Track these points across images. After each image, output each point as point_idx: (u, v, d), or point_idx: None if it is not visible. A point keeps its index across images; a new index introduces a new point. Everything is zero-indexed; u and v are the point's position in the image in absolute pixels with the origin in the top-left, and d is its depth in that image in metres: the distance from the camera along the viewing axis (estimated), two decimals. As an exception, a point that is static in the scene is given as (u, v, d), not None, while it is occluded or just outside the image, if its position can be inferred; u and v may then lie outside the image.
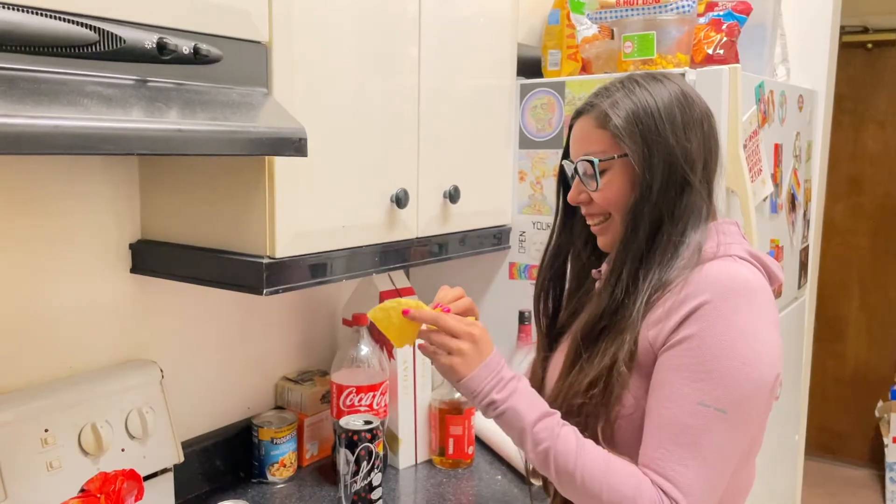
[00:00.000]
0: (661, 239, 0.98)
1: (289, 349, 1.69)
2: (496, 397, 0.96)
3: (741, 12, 1.65)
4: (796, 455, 2.38)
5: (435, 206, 1.48)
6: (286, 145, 1.04)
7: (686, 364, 0.91)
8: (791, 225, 1.95)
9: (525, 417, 0.95)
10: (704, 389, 0.89)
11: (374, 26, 1.30)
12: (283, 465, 1.51)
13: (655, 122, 0.98)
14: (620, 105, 1.00)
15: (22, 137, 0.75)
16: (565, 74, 1.72)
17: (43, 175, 1.22)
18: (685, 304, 0.93)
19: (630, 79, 1.04)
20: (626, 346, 0.95)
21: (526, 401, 0.97)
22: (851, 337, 3.82)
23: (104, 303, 1.32)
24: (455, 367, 0.97)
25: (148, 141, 0.87)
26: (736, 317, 0.90)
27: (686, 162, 0.98)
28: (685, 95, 1.01)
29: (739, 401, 0.90)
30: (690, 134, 0.99)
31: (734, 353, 0.89)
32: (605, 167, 1.01)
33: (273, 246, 1.16)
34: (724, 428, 0.90)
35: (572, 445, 0.93)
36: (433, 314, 1.00)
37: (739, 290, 0.92)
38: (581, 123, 1.06)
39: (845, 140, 3.67)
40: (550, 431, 0.94)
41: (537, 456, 0.95)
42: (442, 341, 0.98)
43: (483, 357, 0.98)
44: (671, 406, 0.91)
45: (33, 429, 1.15)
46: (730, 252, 0.97)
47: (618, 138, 0.99)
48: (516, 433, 0.97)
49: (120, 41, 0.91)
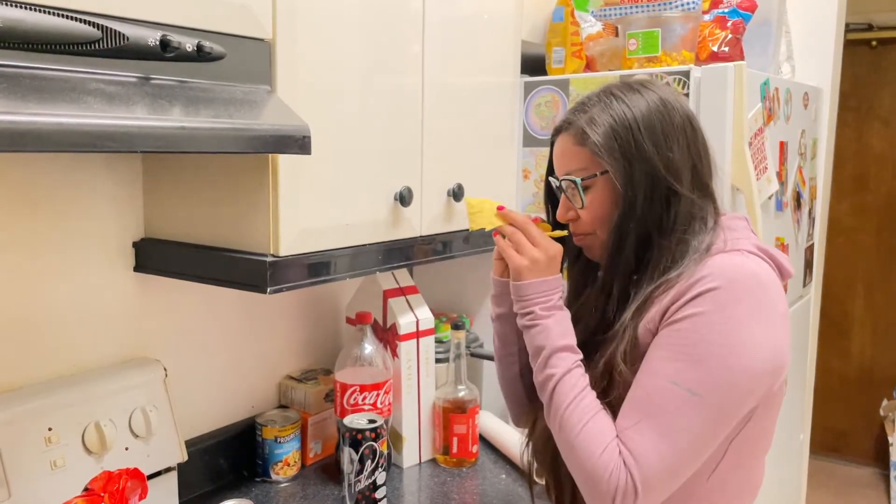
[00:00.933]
0: (653, 252, 0.98)
1: (292, 348, 1.68)
2: (537, 311, 0.99)
3: (746, 9, 1.64)
4: (801, 454, 2.38)
5: (439, 205, 1.48)
6: (290, 143, 1.03)
7: (672, 343, 0.91)
8: (796, 223, 1.94)
9: (552, 340, 0.98)
10: (681, 369, 0.89)
11: (377, 24, 1.29)
12: (286, 463, 1.51)
13: (633, 135, 0.97)
14: (598, 121, 0.99)
15: (25, 135, 0.75)
16: (569, 72, 1.72)
17: (46, 173, 1.21)
18: (692, 289, 0.92)
19: (606, 92, 1.03)
20: (622, 346, 0.95)
21: (560, 327, 0.99)
22: (856, 335, 3.81)
23: (108, 301, 1.32)
24: (520, 269, 1.01)
25: (151, 139, 0.87)
26: (737, 307, 0.89)
27: (669, 172, 0.97)
28: (664, 103, 1.00)
29: (715, 388, 0.89)
30: (672, 143, 0.98)
31: (722, 340, 0.89)
32: (588, 185, 1.02)
33: (277, 244, 1.16)
34: (693, 411, 0.89)
35: (577, 387, 0.95)
36: (525, 218, 1.05)
37: (746, 282, 0.91)
38: (561, 141, 1.06)
39: (850, 138, 3.66)
40: (565, 364, 0.97)
41: (542, 379, 0.98)
42: (521, 242, 1.02)
43: (548, 273, 1.01)
44: (647, 380, 0.92)
45: (37, 427, 1.15)
46: (738, 247, 0.96)
47: (597, 156, 0.99)
48: (535, 350, 0.99)
49: (123, 38, 0.90)
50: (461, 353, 1.60)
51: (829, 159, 2.31)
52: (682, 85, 1.45)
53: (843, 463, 3.79)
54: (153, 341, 1.39)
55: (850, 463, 3.79)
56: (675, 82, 1.46)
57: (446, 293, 1.89)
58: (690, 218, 0.98)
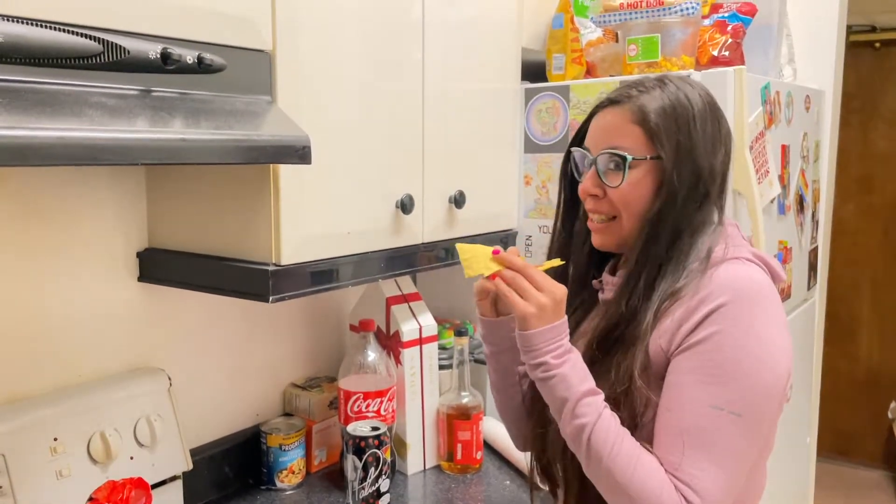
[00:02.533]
0: (679, 249, 0.97)
1: (296, 355, 1.69)
2: (551, 361, 0.94)
3: (746, 14, 1.64)
4: (808, 457, 2.37)
5: (440, 211, 1.48)
6: (290, 153, 1.04)
7: (700, 366, 0.90)
8: (799, 226, 1.94)
9: (574, 388, 0.93)
10: (718, 393, 0.89)
11: (377, 32, 1.30)
12: (291, 471, 1.52)
13: (690, 130, 0.96)
14: (659, 104, 0.97)
15: (27, 149, 0.76)
16: (570, 78, 1.72)
17: (50, 185, 1.22)
18: (701, 307, 0.92)
19: (667, 79, 1.01)
20: (638, 359, 0.94)
21: (579, 373, 0.95)
22: (864, 337, 3.80)
23: (112, 311, 1.33)
24: (527, 317, 0.94)
25: (152, 151, 0.88)
26: (751, 320, 0.90)
27: (710, 176, 0.98)
28: (716, 108, 1.00)
29: (753, 404, 0.89)
30: (718, 150, 0.99)
31: (749, 356, 0.89)
32: (634, 165, 0.97)
33: (279, 253, 1.17)
34: (739, 431, 0.89)
35: (612, 430, 0.92)
36: (523, 263, 0.98)
37: (754, 293, 0.92)
38: (612, 113, 1.01)
39: (854, 140, 3.65)
40: (594, 409, 0.92)
41: (573, 430, 0.93)
42: (524, 287, 0.96)
43: (555, 318, 0.95)
44: (686, 409, 0.90)
45: (42, 437, 1.16)
46: (738, 255, 0.97)
47: (655, 139, 0.96)
48: (558, 402, 0.94)
49: (124, 52, 0.91)
50: (464, 359, 1.60)
51: (833, 161, 2.30)
52: (682, 90, 1.45)
53: (851, 466, 3.77)
54: (158, 350, 1.40)
55: (858, 466, 3.77)
56: (675, 87, 1.46)
57: (449, 300, 1.89)
58: (710, 221, 0.99)
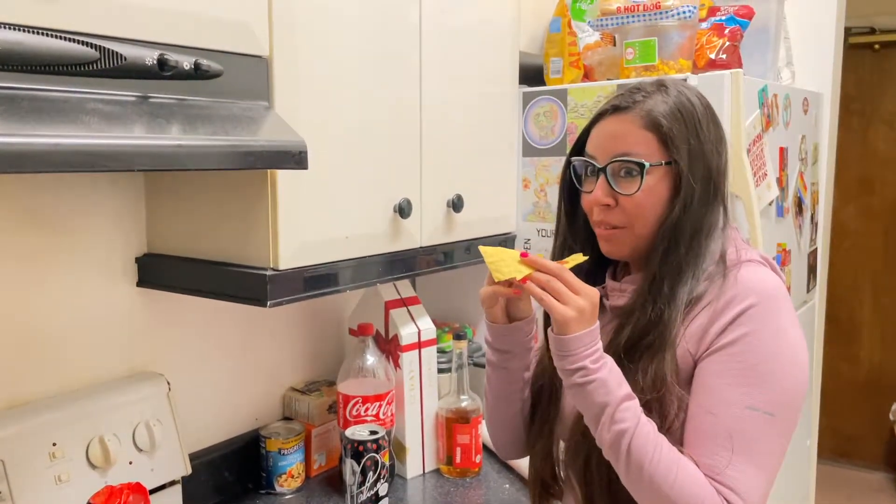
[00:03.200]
0: (696, 252, 0.96)
1: (296, 360, 1.69)
2: (589, 365, 0.91)
3: (743, 16, 1.64)
4: (809, 459, 2.36)
5: (439, 216, 1.49)
6: (286, 158, 1.04)
7: (731, 368, 0.91)
8: (798, 228, 1.94)
9: (613, 393, 0.91)
10: (752, 393, 0.90)
11: (375, 37, 1.31)
12: (290, 475, 1.52)
13: (698, 132, 0.97)
14: (668, 108, 0.96)
15: (23, 156, 0.76)
16: (567, 82, 1.73)
17: (49, 190, 1.23)
18: (729, 309, 0.92)
19: (665, 83, 1.00)
20: (669, 362, 0.94)
21: (616, 377, 0.93)
22: (865, 339, 3.79)
23: (111, 316, 1.33)
24: (567, 321, 0.91)
25: (149, 157, 0.88)
26: (778, 321, 0.92)
27: (719, 177, 0.98)
28: (712, 111, 1.01)
29: (785, 403, 0.91)
30: (722, 150, 0.99)
31: (780, 356, 0.91)
32: (650, 172, 0.96)
33: (276, 258, 1.17)
34: (774, 431, 0.90)
35: (651, 435, 0.91)
36: (557, 265, 0.95)
37: (776, 294, 0.94)
38: (619, 121, 0.99)
39: (854, 141, 3.65)
40: (633, 414, 0.91)
41: (611, 435, 0.91)
42: (561, 291, 0.92)
43: (592, 322, 0.93)
44: (720, 411, 0.91)
45: (41, 442, 1.16)
46: (750, 257, 0.97)
47: (669, 144, 0.96)
48: (596, 408, 0.92)
49: (121, 58, 0.92)
50: (463, 363, 1.60)
51: (832, 164, 2.30)
52: (679, 93, 1.45)
53: (852, 468, 3.76)
54: (157, 355, 1.41)
55: (859, 468, 3.76)
56: (673, 91, 1.46)
57: (448, 303, 1.89)
58: (717, 225, 0.99)
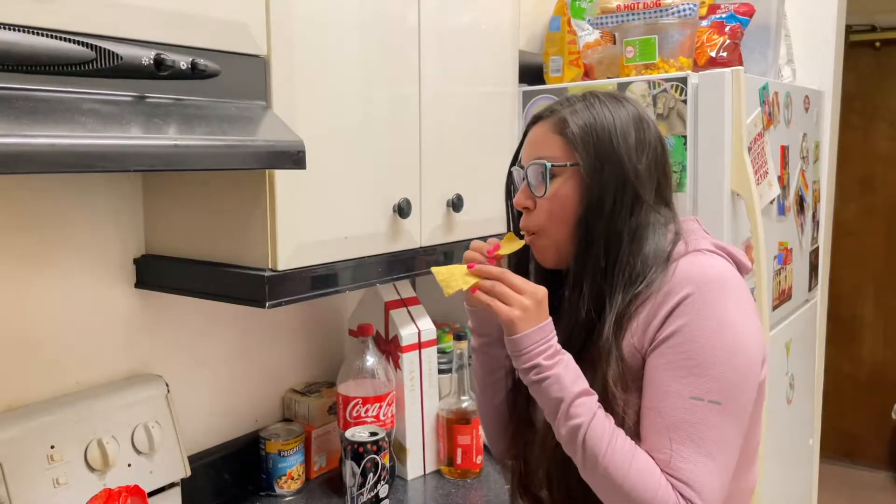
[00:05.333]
0: (623, 258, 0.98)
1: (295, 361, 1.69)
2: (543, 363, 0.94)
3: (744, 14, 1.64)
4: (811, 459, 2.35)
5: (438, 215, 1.48)
6: (284, 158, 1.04)
7: (674, 360, 0.91)
8: (800, 227, 1.93)
9: (568, 388, 0.93)
10: (696, 383, 0.90)
11: (373, 36, 1.30)
12: (290, 477, 1.51)
13: (611, 137, 0.99)
14: (580, 115, 1.01)
15: (18, 157, 0.76)
16: (567, 80, 1.72)
17: (47, 191, 1.22)
18: (667, 301, 0.93)
19: (592, 94, 1.05)
20: (612, 370, 0.95)
21: (571, 373, 0.95)
22: (867, 338, 3.78)
23: (109, 318, 1.33)
24: (512, 321, 0.94)
25: (145, 157, 0.87)
26: (717, 308, 0.92)
27: (637, 180, 0.99)
28: (641, 119, 1.02)
29: (731, 390, 0.91)
30: (642, 155, 1.00)
31: (720, 343, 0.90)
32: (555, 173, 1.01)
33: (275, 258, 1.16)
34: (722, 419, 0.90)
35: (607, 429, 0.92)
36: (499, 270, 0.99)
37: (716, 281, 0.93)
38: (538, 128, 1.06)
39: (855, 140, 3.64)
40: (588, 409, 0.92)
41: (568, 431, 0.93)
42: (505, 293, 0.96)
43: (540, 319, 0.96)
44: (666, 404, 0.91)
45: (40, 445, 1.16)
46: (698, 247, 0.98)
47: (572, 145, 1.00)
48: (552, 403, 0.94)
49: (117, 58, 0.91)
50: (464, 363, 1.60)
51: (833, 162, 2.30)
52: (679, 91, 1.45)
53: (855, 467, 3.75)
54: (155, 357, 1.40)
55: (862, 467, 3.75)
56: (673, 89, 1.46)
57: (448, 304, 1.88)
58: (653, 226, 1.00)
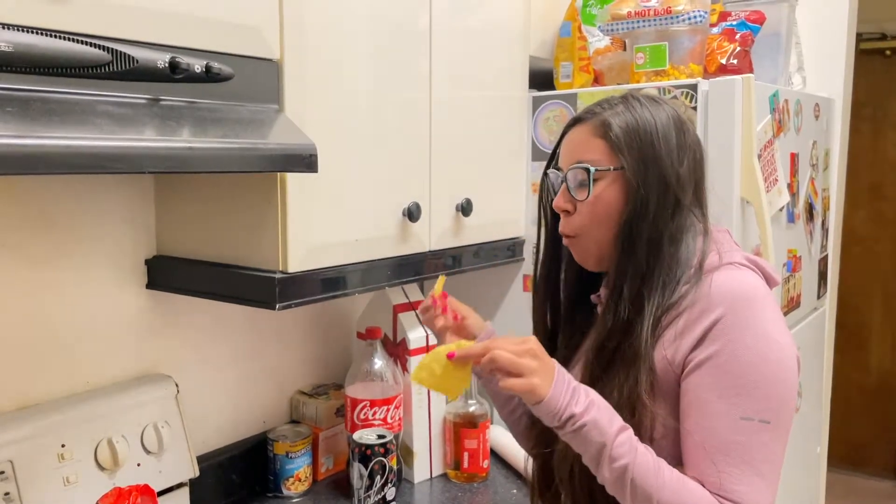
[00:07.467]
0: (663, 260, 0.97)
1: (304, 363, 1.69)
2: (575, 410, 0.88)
3: (754, 22, 1.64)
4: (819, 467, 2.34)
5: (447, 219, 1.48)
6: (296, 161, 1.04)
7: (718, 381, 0.90)
8: (809, 234, 1.93)
9: (607, 431, 0.88)
10: (744, 404, 0.89)
11: (385, 41, 1.31)
12: (298, 479, 1.52)
13: (653, 139, 0.98)
14: (621, 117, 1.00)
15: (34, 158, 0.76)
16: (577, 86, 1.72)
17: (59, 193, 1.23)
18: (701, 320, 0.92)
19: (632, 96, 1.04)
20: (643, 377, 0.93)
21: (605, 413, 0.89)
22: (875, 346, 3.76)
23: (120, 318, 1.33)
24: (534, 389, 0.88)
25: (159, 159, 0.88)
26: (756, 325, 0.91)
27: (678, 183, 0.99)
28: (681, 121, 1.02)
29: (778, 408, 0.90)
30: (683, 158, 1.00)
31: (766, 360, 0.90)
32: (598, 177, 1.00)
33: (286, 261, 1.17)
34: (771, 437, 0.90)
35: (651, 464, 0.89)
36: (482, 345, 0.92)
37: (751, 297, 0.93)
38: (578, 131, 1.04)
39: (865, 147, 3.62)
40: (630, 446, 0.89)
41: (612, 473, 0.88)
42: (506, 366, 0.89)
43: (550, 370, 0.90)
44: (715, 426, 0.90)
45: (50, 444, 1.16)
46: (732, 259, 0.98)
47: (616, 149, 0.99)
48: (594, 448, 0.88)
49: (133, 61, 0.92)
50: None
51: (843, 169, 2.29)
52: (689, 98, 1.45)
53: (863, 476, 3.73)
54: (165, 358, 1.41)
55: (870, 476, 3.73)
56: (683, 96, 1.46)
57: (457, 307, 1.89)
58: (690, 231, 1.00)
